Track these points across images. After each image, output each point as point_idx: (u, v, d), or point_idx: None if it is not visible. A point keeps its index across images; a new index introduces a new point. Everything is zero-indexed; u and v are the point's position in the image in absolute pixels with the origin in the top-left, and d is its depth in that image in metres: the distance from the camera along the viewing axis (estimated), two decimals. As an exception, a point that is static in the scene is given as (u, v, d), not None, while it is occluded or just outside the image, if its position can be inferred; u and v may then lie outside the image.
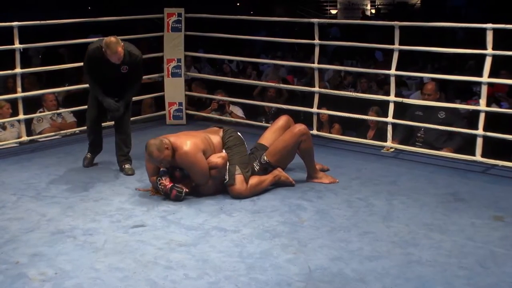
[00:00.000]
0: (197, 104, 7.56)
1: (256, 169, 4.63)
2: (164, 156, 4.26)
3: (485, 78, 5.15)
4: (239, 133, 4.71)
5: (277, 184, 4.70)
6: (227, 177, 4.44)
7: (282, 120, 4.95)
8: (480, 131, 5.17)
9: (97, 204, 4.36)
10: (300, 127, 4.71)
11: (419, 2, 21.14)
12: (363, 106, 6.19)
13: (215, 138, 4.59)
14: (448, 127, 5.56)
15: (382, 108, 6.06)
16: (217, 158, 4.41)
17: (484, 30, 5.06)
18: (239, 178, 4.45)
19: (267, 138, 4.82)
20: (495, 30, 5.02)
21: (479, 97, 5.37)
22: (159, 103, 7.12)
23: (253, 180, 4.53)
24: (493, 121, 5.30)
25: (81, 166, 5.27)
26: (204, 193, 4.50)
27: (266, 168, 4.67)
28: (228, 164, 4.46)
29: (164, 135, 4.45)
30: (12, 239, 3.76)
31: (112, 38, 4.70)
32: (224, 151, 4.55)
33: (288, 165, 4.90)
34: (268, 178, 4.63)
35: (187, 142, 4.34)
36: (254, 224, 4.00)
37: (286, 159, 4.77)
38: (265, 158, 4.66)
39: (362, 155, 5.69)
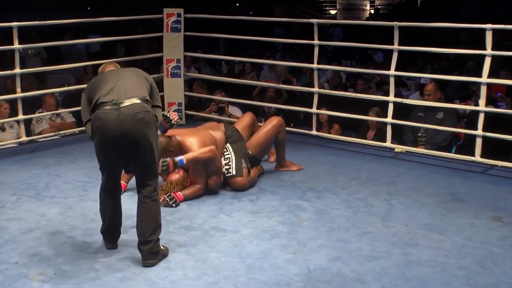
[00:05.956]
0: (197, 105, 7.54)
1: None
2: (165, 157, 4.27)
3: (484, 79, 5.16)
4: (238, 128, 4.87)
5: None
6: (233, 170, 4.55)
7: (248, 117, 5.08)
8: (479, 132, 5.16)
9: (96, 204, 4.26)
10: (277, 118, 5.00)
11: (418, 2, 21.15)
12: (362, 106, 6.18)
13: (218, 134, 4.70)
14: (445, 127, 5.60)
15: (381, 108, 6.06)
16: (206, 153, 4.37)
17: (483, 30, 5.06)
18: (245, 171, 4.60)
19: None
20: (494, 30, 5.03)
21: (478, 97, 5.37)
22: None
23: (252, 172, 4.73)
24: (491, 122, 5.30)
25: (81, 165, 5.26)
26: (213, 190, 4.53)
27: (253, 162, 4.81)
28: (235, 157, 4.59)
29: (171, 132, 4.45)
30: (12, 239, 3.76)
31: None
32: (229, 145, 4.67)
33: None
34: (257, 168, 4.88)
35: (195, 143, 4.40)
36: (253, 224, 4.01)
37: (266, 150, 5.05)
38: (249, 152, 4.79)
39: (361, 156, 5.68)
